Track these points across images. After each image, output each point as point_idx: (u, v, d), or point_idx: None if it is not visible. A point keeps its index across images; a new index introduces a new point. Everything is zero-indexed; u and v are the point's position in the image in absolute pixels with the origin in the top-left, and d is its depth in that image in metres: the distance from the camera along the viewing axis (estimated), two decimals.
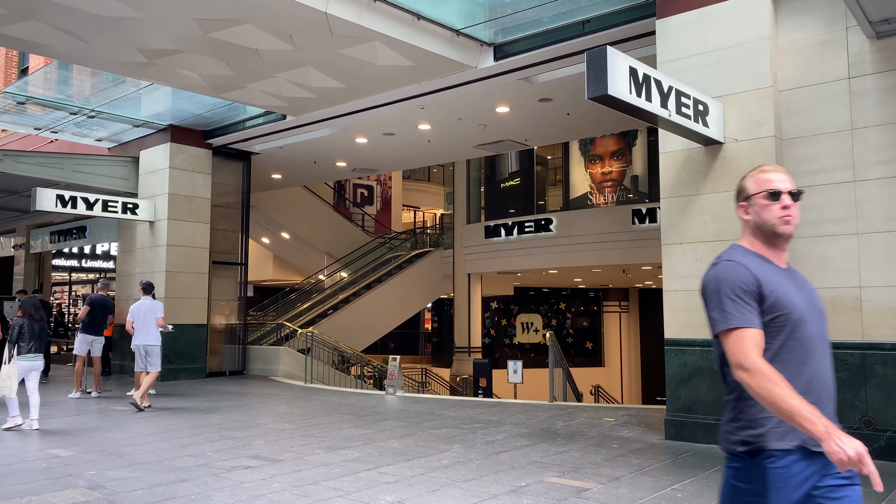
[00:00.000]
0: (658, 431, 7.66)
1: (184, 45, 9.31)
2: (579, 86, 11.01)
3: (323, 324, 18.70)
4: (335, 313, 19.51)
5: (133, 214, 13.76)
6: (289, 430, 7.92)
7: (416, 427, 8.06)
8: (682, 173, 7.38)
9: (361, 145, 14.66)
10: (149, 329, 9.92)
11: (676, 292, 7.31)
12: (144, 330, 9.91)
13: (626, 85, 5.83)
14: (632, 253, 16.53)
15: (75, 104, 12.85)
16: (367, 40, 9.19)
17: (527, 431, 7.71)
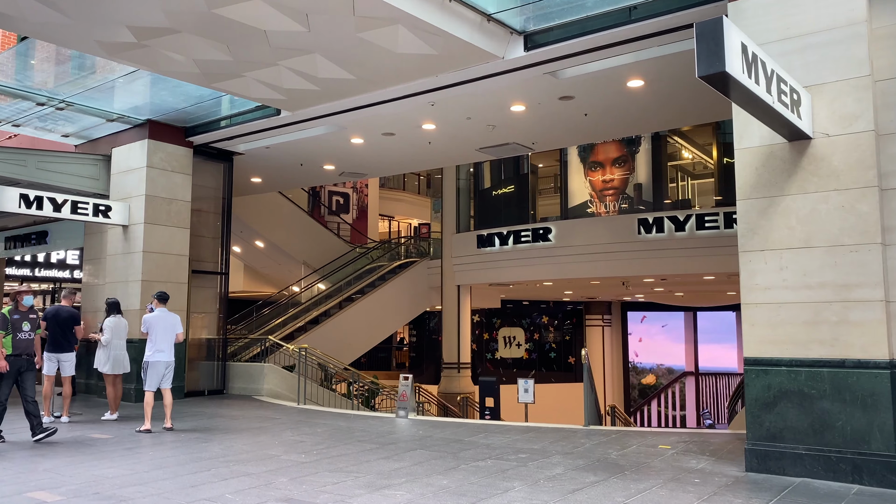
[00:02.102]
0: (729, 461, 6.84)
1: (182, 23, 8.20)
2: (604, 83, 10.32)
3: (302, 339, 17.52)
4: (316, 327, 18.33)
5: (105, 217, 12.44)
6: (309, 462, 6.84)
7: (454, 458, 7.07)
8: (762, 172, 6.60)
9: (356, 146, 13.64)
10: (170, 344, 9.01)
11: (757, 305, 6.50)
12: (167, 345, 8.96)
13: (739, 63, 5.01)
14: (637, 264, 15.84)
15: (43, 94, 11.54)
16: (390, 23, 8.24)
17: (584, 463, 6.79)
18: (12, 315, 8.29)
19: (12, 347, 8.09)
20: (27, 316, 8.38)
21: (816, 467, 6.05)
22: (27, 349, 8.23)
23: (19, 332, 8.20)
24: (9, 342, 8.10)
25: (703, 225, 15.13)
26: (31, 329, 8.34)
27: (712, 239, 14.96)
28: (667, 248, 15.41)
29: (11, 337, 8.12)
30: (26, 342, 8.24)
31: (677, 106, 11.21)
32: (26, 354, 8.19)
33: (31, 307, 8.60)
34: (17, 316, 8.31)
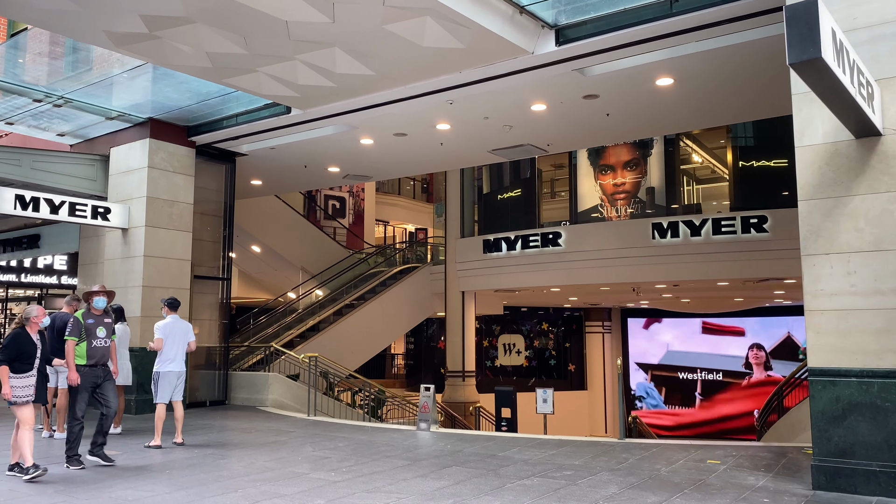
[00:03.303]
0: (788, 477, 6.45)
1: (198, 11, 7.71)
2: (632, 81, 9.91)
3: (302, 347, 16.97)
4: (316, 335, 17.78)
5: (104, 220, 11.87)
6: (342, 482, 6.34)
7: (496, 476, 6.61)
8: (826, 171, 6.22)
9: (365, 147, 13.16)
10: (182, 353, 8.45)
11: (823, 312, 6.12)
12: (179, 354, 8.40)
13: (831, 50, 4.62)
14: (651, 270, 15.48)
15: (41, 89, 10.96)
16: (419, 14, 7.81)
17: (637, 481, 6.36)
18: (86, 319, 7.35)
19: (87, 356, 7.26)
20: (102, 320, 7.47)
21: (892, 485, 5.66)
22: (103, 358, 7.41)
23: (94, 338, 7.33)
24: (83, 350, 7.27)
25: (719, 230, 14.81)
26: (107, 335, 7.47)
27: (729, 244, 14.65)
28: (682, 254, 15.07)
29: (86, 344, 7.27)
30: (102, 350, 7.39)
31: (704, 106, 10.89)
32: (102, 364, 7.40)
33: (106, 310, 7.66)
34: (90, 320, 7.38)
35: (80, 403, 7.23)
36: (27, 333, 6.63)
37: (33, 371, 6.58)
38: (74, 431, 7.14)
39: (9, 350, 6.49)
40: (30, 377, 6.54)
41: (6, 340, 6.58)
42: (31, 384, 6.53)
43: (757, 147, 16.16)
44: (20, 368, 6.48)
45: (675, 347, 24.36)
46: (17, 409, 6.49)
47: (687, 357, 23.96)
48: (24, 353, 6.53)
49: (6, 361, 6.44)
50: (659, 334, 24.91)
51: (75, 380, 7.15)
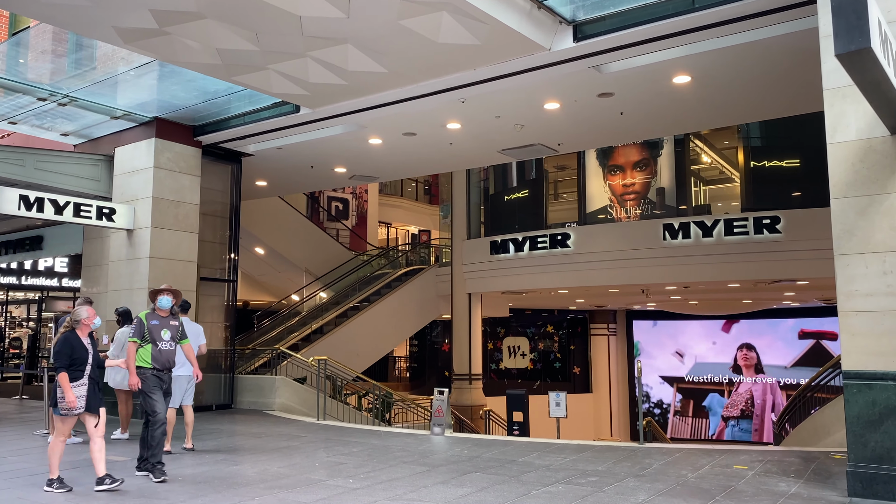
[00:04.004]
0: (820, 483, 6.27)
1: (211, 7, 7.54)
2: (649, 78, 9.71)
3: (308, 350, 16.78)
4: (322, 338, 17.59)
5: (109, 221, 11.67)
6: (362, 489, 6.15)
7: (519, 483, 6.42)
8: (860, 168, 6.05)
9: (373, 147, 12.97)
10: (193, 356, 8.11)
11: (857, 313, 5.94)
12: (189, 357, 7.99)
13: (878, 41, 4.44)
14: (661, 271, 15.30)
15: (45, 87, 10.76)
16: (435, 9, 7.64)
17: (665, 488, 6.17)
18: (150, 320, 6.81)
19: (151, 360, 6.74)
20: (167, 322, 6.92)
21: None
22: (169, 362, 6.84)
23: (159, 341, 6.77)
24: (148, 353, 6.74)
25: (731, 230, 14.64)
26: (172, 338, 6.91)
27: (741, 245, 14.48)
28: (693, 255, 14.90)
29: (151, 347, 6.75)
30: (168, 354, 6.82)
31: (720, 105, 10.71)
32: (168, 369, 6.85)
33: (172, 311, 7.06)
34: (154, 322, 6.82)
35: (156, 403, 6.70)
36: (78, 337, 6.12)
37: (85, 378, 6.05)
38: (156, 435, 6.64)
39: (62, 356, 5.98)
40: (82, 385, 6.02)
41: (57, 346, 6.06)
42: (83, 393, 6.00)
43: (768, 147, 15.99)
44: (72, 376, 5.98)
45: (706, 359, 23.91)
46: (59, 420, 6.03)
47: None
48: (76, 359, 6.02)
49: (64, 368, 5.93)
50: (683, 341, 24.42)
51: (136, 384, 6.65)
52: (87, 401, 6.03)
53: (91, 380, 6.09)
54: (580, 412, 23.04)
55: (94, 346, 6.22)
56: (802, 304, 21.40)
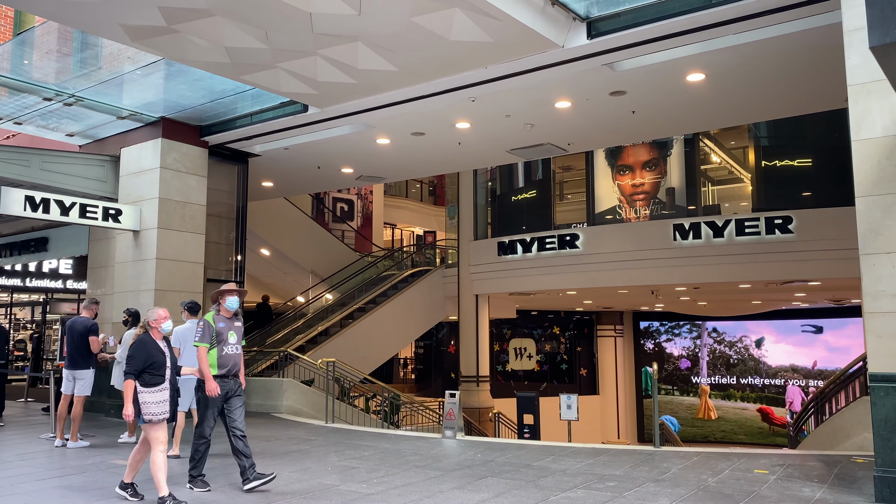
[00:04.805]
0: (845, 488, 6.12)
1: (220, 4, 7.42)
2: (662, 76, 9.54)
3: (314, 351, 16.64)
4: (328, 339, 17.45)
5: (115, 222, 11.56)
6: (376, 494, 6.02)
7: (536, 488, 6.29)
8: (886, 165, 5.91)
9: (381, 147, 12.85)
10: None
11: (884, 314, 5.80)
12: (193, 360, 7.83)
13: None
14: (672, 272, 15.16)
15: (51, 87, 10.66)
16: (448, 5, 7.51)
17: (686, 493, 6.03)
18: (216, 322, 6.33)
19: (218, 365, 6.24)
20: (233, 324, 6.44)
21: None
22: (235, 366, 6.37)
23: (225, 344, 6.30)
24: (214, 358, 6.24)
25: (742, 231, 14.49)
26: (238, 340, 6.46)
27: (752, 245, 14.33)
28: (704, 255, 14.75)
29: (216, 351, 6.26)
30: (235, 357, 6.36)
31: (734, 103, 10.57)
32: (234, 374, 6.36)
33: (236, 312, 6.56)
34: (221, 324, 6.33)
35: (208, 420, 6.26)
36: (153, 340, 5.76)
37: (165, 383, 5.69)
38: (200, 450, 6.27)
39: (136, 361, 5.59)
40: (163, 390, 5.65)
41: (131, 350, 5.68)
42: (164, 399, 5.65)
43: (779, 146, 15.84)
44: (151, 381, 5.60)
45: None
46: (149, 428, 5.62)
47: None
48: (153, 363, 5.64)
49: (134, 374, 5.57)
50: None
51: (214, 390, 6.15)
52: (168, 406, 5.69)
53: (171, 386, 5.75)
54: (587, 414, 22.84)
55: (170, 349, 5.88)
56: (812, 304, 21.24)
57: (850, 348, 20.48)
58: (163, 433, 5.66)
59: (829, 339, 22.00)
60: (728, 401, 23.10)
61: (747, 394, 22.82)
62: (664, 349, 24.47)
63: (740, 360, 23.01)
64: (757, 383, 22.69)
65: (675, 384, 23.90)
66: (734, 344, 23.28)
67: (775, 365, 22.58)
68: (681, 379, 23.92)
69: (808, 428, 11.99)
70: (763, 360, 22.68)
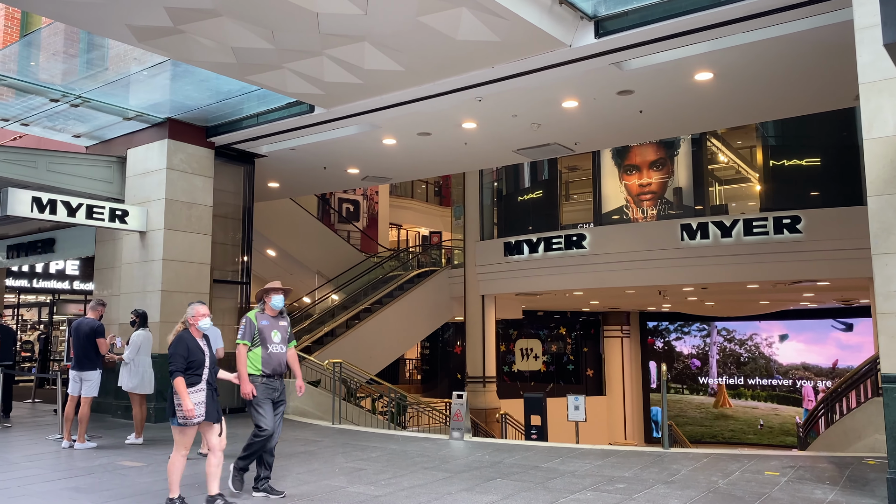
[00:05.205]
0: (857, 490, 6.07)
1: (226, 4, 7.40)
2: (670, 75, 9.49)
3: (320, 352, 16.62)
4: (334, 340, 17.42)
5: (122, 223, 11.56)
6: (385, 496, 5.99)
7: (545, 490, 6.25)
8: None
9: (387, 148, 12.82)
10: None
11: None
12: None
13: None
14: (679, 272, 15.09)
15: (58, 88, 10.66)
16: (455, 4, 7.48)
17: (697, 495, 5.99)
18: (259, 321, 6.12)
19: (262, 365, 6.03)
20: (277, 323, 6.22)
21: None
22: (280, 367, 6.11)
23: (269, 343, 6.07)
24: (258, 357, 6.04)
25: (750, 231, 14.41)
26: (283, 340, 6.21)
27: (761, 245, 14.25)
28: (712, 255, 14.68)
29: (261, 350, 6.05)
30: (279, 357, 6.11)
31: (742, 102, 10.50)
32: (279, 375, 6.10)
33: (281, 311, 6.35)
34: (265, 322, 6.13)
35: (262, 417, 5.95)
36: (193, 337, 5.52)
37: (202, 383, 5.45)
38: (254, 442, 6.02)
39: (178, 358, 5.37)
40: (199, 391, 5.41)
41: (171, 347, 5.46)
42: (201, 400, 5.40)
43: (787, 146, 15.75)
44: (188, 381, 5.37)
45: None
46: (178, 430, 5.41)
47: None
48: (192, 362, 5.41)
49: (180, 372, 5.34)
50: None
51: (249, 393, 5.92)
52: (205, 408, 5.44)
53: (209, 385, 5.52)
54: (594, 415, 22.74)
55: (210, 348, 5.68)
56: (820, 305, 21.13)
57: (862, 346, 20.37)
58: (190, 438, 5.45)
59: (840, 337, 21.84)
60: (738, 399, 22.97)
61: (757, 392, 22.70)
62: (674, 348, 24.37)
63: (751, 359, 22.89)
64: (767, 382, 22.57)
65: (684, 383, 23.80)
66: (744, 342, 23.16)
67: (786, 363, 22.43)
68: (690, 378, 23.83)
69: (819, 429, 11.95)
70: (774, 359, 22.54)
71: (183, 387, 5.29)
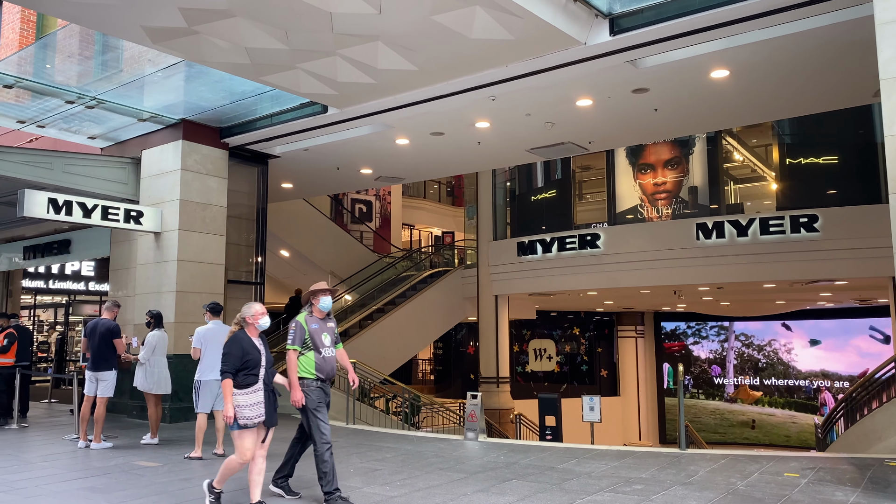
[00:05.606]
0: (880, 493, 5.98)
1: (240, 4, 7.40)
2: (686, 73, 9.39)
3: None
4: (347, 340, 17.40)
5: (137, 224, 11.61)
6: (400, 497, 5.96)
7: (561, 491, 6.20)
8: None
9: (400, 148, 12.81)
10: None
11: None
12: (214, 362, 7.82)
13: None
14: (695, 272, 14.97)
15: (73, 90, 10.72)
16: (469, 3, 7.44)
17: (716, 497, 5.92)
18: (309, 324, 5.90)
19: (315, 369, 5.81)
20: (326, 325, 6.02)
21: None
22: (333, 371, 5.92)
23: (322, 346, 5.87)
24: (310, 362, 5.82)
25: (767, 230, 14.28)
26: (333, 342, 6.01)
27: (777, 244, 14.12)
28: (727, 255, 14.56)
29: (314, 355, 5.83)
30: (331, 361, 5.93)
31: (758, 100, 10.41)
32: (331, 379, 5.95)
33: (328, 314, 6.13)
34: (315, 325, 5.91)
35: (320, 422, 5.76)
36: (248, 337, 5.33)
37: (259, 383, 5.25)
38: (326, 459, 5.71)
39: (232, 358, 5.19)
40: (257, 392, 5.21)
41: (226, 347, 5.29)
42: (258, 401, 5.21)
43: (804, 144, 15.59)
44: (245, 381, 5.18)
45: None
46: (237, 434, 5.23)
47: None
48: (248, 362, 5.21)
49: (231, 373, 5.16)
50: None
51: (300, 400, 5.71)
52: (264, 408, 5.26)
53: (265, 385, 5.32)
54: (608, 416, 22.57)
55: (266, 347, 5.47)
56: (837, 304, 20.90)
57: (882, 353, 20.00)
58: (251, 441, 5.27)
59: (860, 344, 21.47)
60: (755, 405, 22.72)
61: (775, 399, 22.43)
62: (691, 352, 24.16)
63: (769, 364, 22.62)
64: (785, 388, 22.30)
65: (700, 387, 23.59)
66: (763, 347, 22.90)
67: (805, 369, 22.14)
68: (706, 382, 23.62)
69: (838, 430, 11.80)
70: (793, 365, 22.25)
71: (229, 390, 5.15)
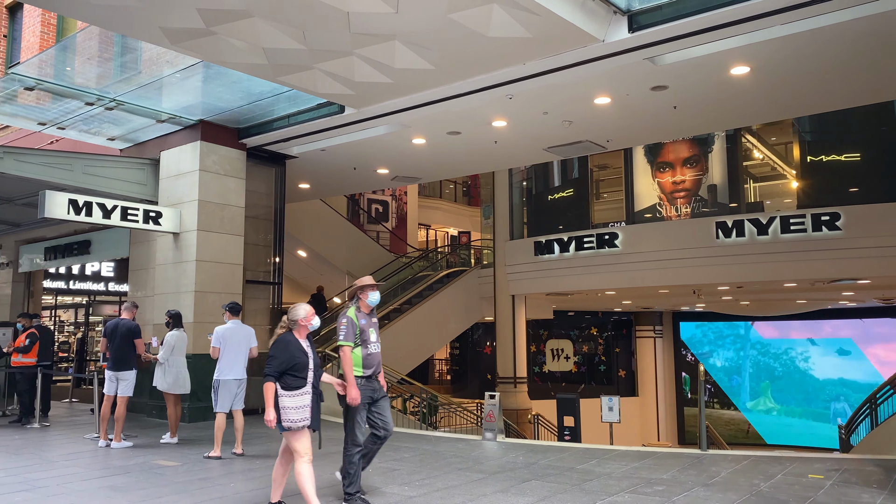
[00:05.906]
0: None
1: (258, 4, 7.41)
2: (705, 70, 9.28)
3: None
4: None
5: (156, 224, 11.68)
6: (419, 497, 5.95)
7: (581, 492, 6.15)
8: None
9: (416, 147, 12.79)
10: (244, 360, 8.09)
11: None
12: (239, 360, 8.05)
13: None
14: (714, 271, 14.81)
15: (93, 92, 10.81)
16: (486, 1, 7.39)
17: (738, 499, 5.85)
18: (359, 319, 5.80)
19: (363, 365, 5.75)
20: (372, 320, 5.96)
21: None
22: (379, 366, 5.89)
23: (369, 343, 5.81)
24: (358, 358, 5.73)
25: (788, 228, 14.10)
26: (378, 338, 5.97)
27: (798, 243, 13.94)
28: (748, 254, 14.39)
29: (361, 350, 5.74)
30: (378, 357, 5.89)
31: (779, 97, 10.26)
32: (378, 374, 5.90)
33: (373, 309, 6.07)
34: (363, 321, 5.82)
35: (358, 425, 5.72)
36: (296, 339, 5.28)
37: (308, 386, 5.19)
38: (354, 461, 5.72)
39: (277, 361, 5.13)
40: (304, 395, 5.15)
41: (272, 349, 5.22)
42: (306, 403, 5.16)
43: (824, 141, 15.39)
44: (292, 384, 5.12)
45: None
46: (290, 436, 5.19)
47: None
48: (296, 364, 5.15)
49: (275, 376, 5.11)
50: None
51: (357, 398, 5.63)
52: (310, 412, 5.19)
53: (314, 388, 5.25)
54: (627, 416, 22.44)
55: (314, 350, 5.41)
56: (859, 304, 20.62)
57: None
58: (306, 441, 5.21)
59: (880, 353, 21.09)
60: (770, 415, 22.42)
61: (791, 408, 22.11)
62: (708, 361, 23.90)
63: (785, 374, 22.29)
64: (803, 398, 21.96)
65: (715, 397, 23.34)
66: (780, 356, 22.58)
67: (822, 378, 21.81)
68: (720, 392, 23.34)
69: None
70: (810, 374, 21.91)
71: (271, 393, 5.10)
